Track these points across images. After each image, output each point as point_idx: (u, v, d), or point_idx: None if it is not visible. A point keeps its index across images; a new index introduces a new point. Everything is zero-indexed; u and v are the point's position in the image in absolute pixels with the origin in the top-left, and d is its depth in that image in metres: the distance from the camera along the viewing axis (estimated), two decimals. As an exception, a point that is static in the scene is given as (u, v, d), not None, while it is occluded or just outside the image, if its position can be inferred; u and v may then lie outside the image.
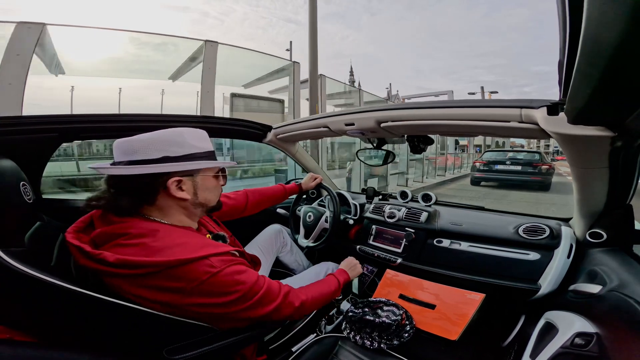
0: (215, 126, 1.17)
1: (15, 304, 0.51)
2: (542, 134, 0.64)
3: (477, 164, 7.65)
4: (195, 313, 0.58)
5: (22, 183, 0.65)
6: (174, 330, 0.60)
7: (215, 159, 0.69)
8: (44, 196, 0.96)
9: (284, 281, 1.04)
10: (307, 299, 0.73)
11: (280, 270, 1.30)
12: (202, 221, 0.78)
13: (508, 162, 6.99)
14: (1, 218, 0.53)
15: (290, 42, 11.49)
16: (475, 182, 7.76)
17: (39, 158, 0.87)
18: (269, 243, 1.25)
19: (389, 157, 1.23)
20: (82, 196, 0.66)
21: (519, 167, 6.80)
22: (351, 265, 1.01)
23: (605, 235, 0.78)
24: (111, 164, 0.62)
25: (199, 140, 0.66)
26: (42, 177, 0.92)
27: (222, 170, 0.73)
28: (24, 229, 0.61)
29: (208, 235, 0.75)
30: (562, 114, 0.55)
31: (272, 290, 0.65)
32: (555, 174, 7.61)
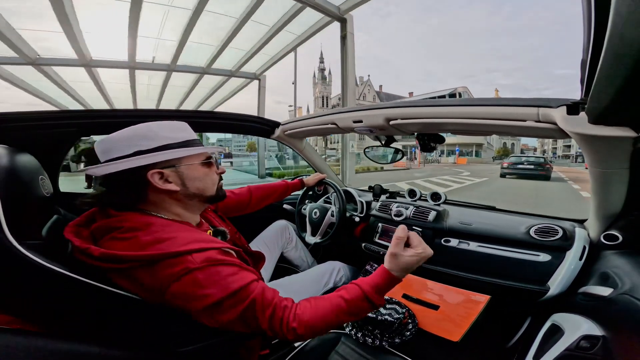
0: (223, 122, 1.17)
1: (30, 296, 0.52)
2: (561, 134, 0.62)
3: (505, 164, 12.08)
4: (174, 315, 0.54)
5: (40, 177, 0.66)
6: (181, 323, 0.61)
7: (199, 146, 0.66)
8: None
9: (287, 279, 1.03)
10: (314, 320, 0.58)
11: (285, 265, 1.32)
12: (207, 216, 0.78)
13: (525, 163, 11.46)
14: (21, 211, 0.54)
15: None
16: (503, 175, 11.98)
17: (57, 152, 0.90)
18: (275, 238, 1.26)
19: (397, 154, 1.21)
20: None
21: (531, 166, 11.28)
22: (401, 260, 0.62)
23: (620, 238, 0.75)
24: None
25: (173, 131, 0.63)
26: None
27: (210, 157, 0.68)
28: (42, 222, 0.62)
29: (209, 231, 0.74)
30: (582, 114, 0.53)
31: (265, 298, 0.55)
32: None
